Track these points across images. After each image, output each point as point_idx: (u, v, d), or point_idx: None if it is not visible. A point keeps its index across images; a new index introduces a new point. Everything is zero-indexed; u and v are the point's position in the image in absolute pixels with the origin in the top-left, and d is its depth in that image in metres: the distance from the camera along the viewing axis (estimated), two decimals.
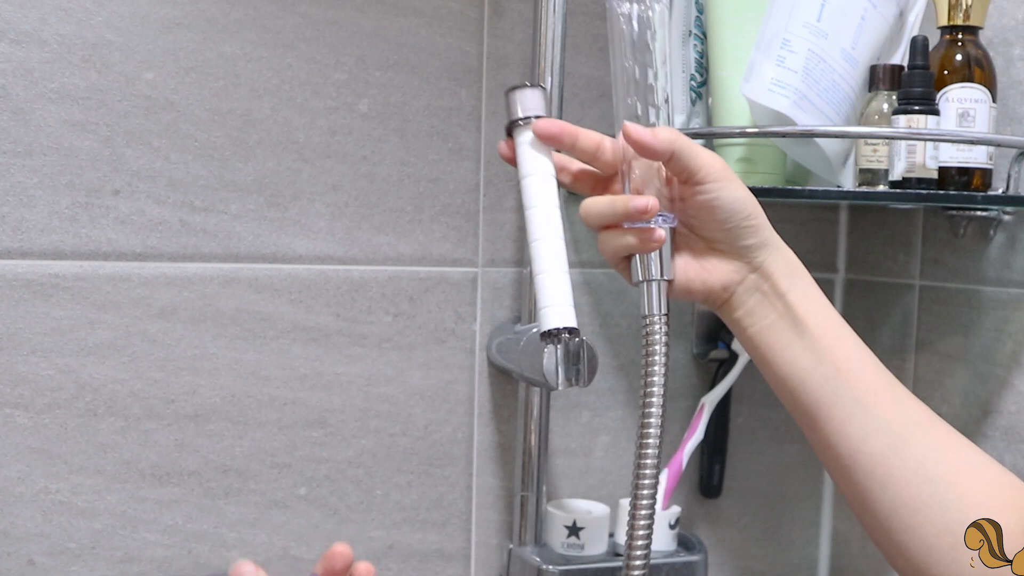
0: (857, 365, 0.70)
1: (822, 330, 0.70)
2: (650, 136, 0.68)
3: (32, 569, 0.95)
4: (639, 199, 0.68)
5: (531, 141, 0.72)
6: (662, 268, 0.71)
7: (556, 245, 0.72)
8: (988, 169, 0.95)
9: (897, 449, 0.67)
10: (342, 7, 1.01)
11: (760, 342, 0.72)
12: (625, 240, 0.71)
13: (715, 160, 0.69)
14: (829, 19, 0.96)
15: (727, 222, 0.70)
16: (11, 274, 0.92)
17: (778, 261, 0.71)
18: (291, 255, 1.01)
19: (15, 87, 0.91)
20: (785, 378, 0.70)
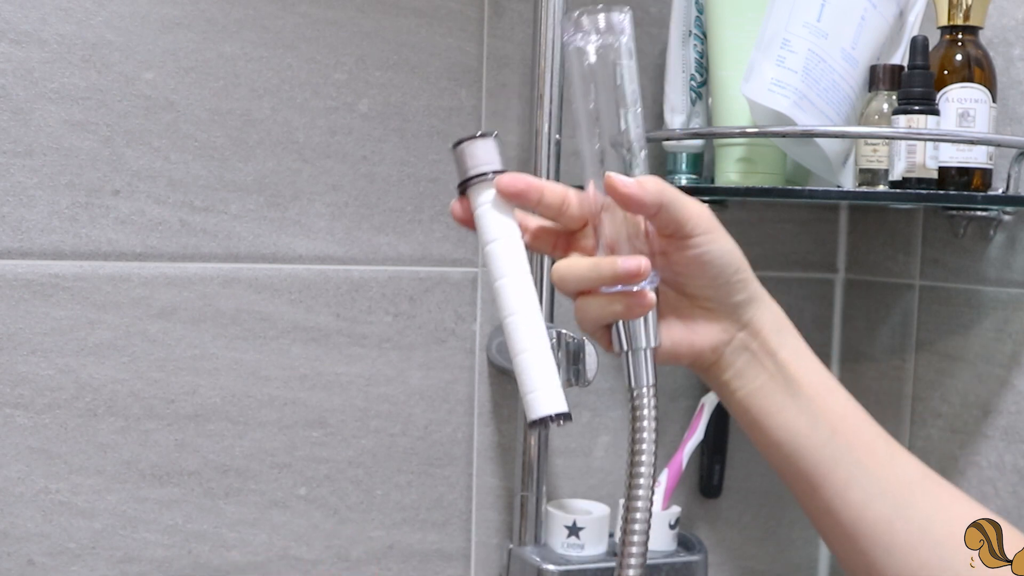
0: (852, 424, 0.65)
1: (815, 389, 0.65)
2: (637, 188, 0.61)
3: (32, 569, 0.95)
4: (629, 261, 0.61)
5: (492, 200, 0.63)
6: (650, 334, 0.63)
7: (534, 319, 0.62)
8: (988, 169, 0.95)
9: (901, 513, 0.63)
10: (342, 7, 1.01)
11: (751, 405, 0.66)
12: (610, 308, 0.62)
13: (703, 210, 0.63)
14: (829, 19, 0.95)
15: (718, 278, 0.64)
16: (11, 274, 0.92)
17: (766, 316, 0.66)
18: (291, 255, 1.01)
19: (15, 87, 0.91)
20: (780, 443, 0.65)
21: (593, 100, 0.62)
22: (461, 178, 0.63)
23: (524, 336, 0.62)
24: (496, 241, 0.63)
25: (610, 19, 0.62)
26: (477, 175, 0.63)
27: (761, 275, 1.26)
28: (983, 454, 1.06)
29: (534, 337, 0.62)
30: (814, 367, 0.66)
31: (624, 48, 0.63)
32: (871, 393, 1.20)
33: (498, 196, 0.63)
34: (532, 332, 0.62)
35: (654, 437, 0.64)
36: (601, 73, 0.62)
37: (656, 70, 1.12)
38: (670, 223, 0.62)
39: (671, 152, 1.10)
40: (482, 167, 0.63)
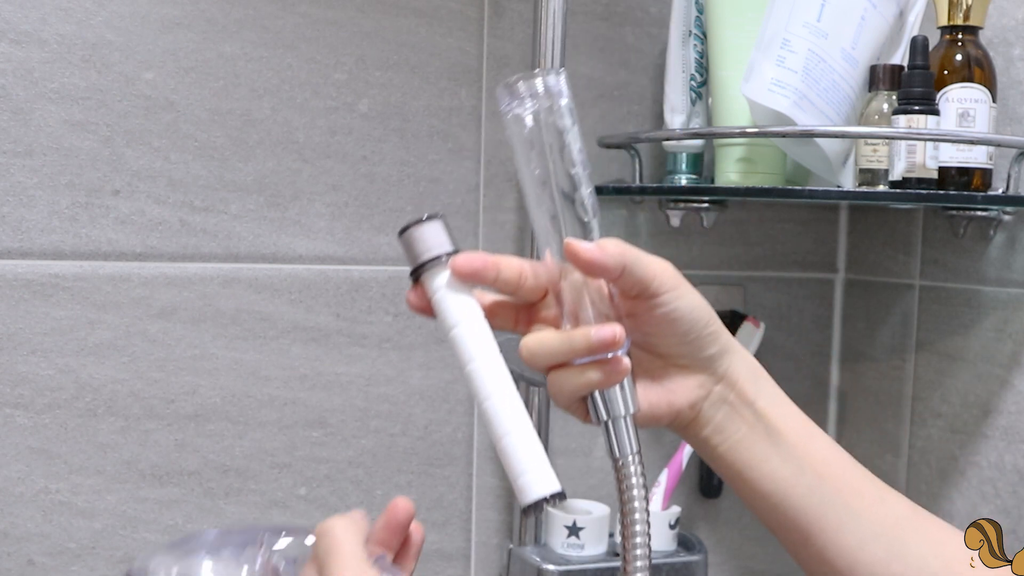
0: (837, 468, 0.65)
1: (797, 436, 0.64)
2: (598, 252, 0.58)
3: (32, 569, 0.95)
4: (603, 331, 0.58)
5: (448, 283, 0.60)
6: (628, 400, 0.61)
7: (512, 400, 0.60)
8: (988, 169, 0.95)
9: (896, 553, 0.63)
10: (342, 7, 1.01)
11: (734, 459, 0.64)
12: (585, 378, 0.60)
13: (666, 266, 0.61)
14: (829, 19, 0.95)
15: (688, 333, 0.61)
16: (11, 274, 0.92)
17: (741, 366, 0.64)
18: (291, 255, 1.01)
19: (15, 87, 0.91)
20: (767, 494, 0.64)
21: (538, 166, 0.60)
22: (413, 265, 0.61)
23: (504, 419, 0.60)
24: (459, 325, 0.61)
25: (546, 82, 0.60)
26: (429, 260, 0.60)
27: (761, 275, 1.26)
28: (983, 454, 1.06)
29: (514, 419, 0.60)
30: (793, 413, 0.65)
31: (564, 109, 0.60)
32: (871, 393, 1.20)
33: (453, 278, 0.60)
34: (512, 414, 0.60)
35: (646, 506, 0.61)
36: (542, 137, 0.60)
37: (656, 70, 1.12)
38: (634, 284, 0.60)
39: (671, 152, 1.10)
40: (433, 251, 0.60)
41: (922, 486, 1.13)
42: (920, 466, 1.14)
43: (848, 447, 0.67)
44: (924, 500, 1.13)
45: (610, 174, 1.11)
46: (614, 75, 1.12)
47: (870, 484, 0.65)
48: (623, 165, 1.11)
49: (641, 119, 1.13)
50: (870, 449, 1.20)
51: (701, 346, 0.62)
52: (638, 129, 1.13)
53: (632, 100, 1.13)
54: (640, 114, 1.13)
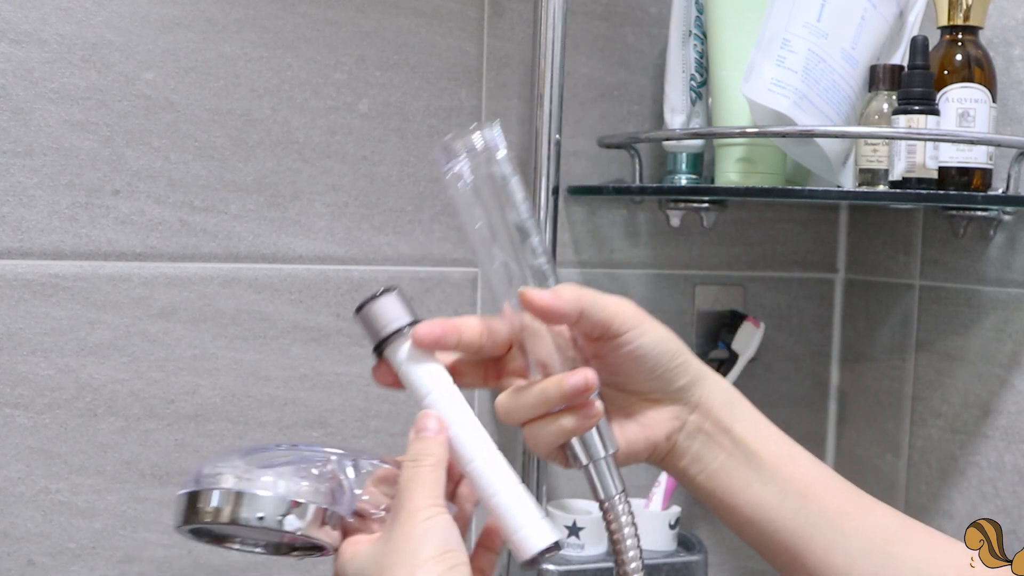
0: (821, 487, 0.64)
1: (777, 458, 0.63)
2: (553, 298, 0.59)
3: (32, 569, 0.95)
4: (575, 377, 0.58)
5: (411, 353, 0.61)
6: (606, 441, 0.61)
7: (495, 458, 0.61)
8: (988, 169, 0.95)
9: (888, 568, 0.62)
10: (342, 7, 1.01)
11: (715, 487, 0.64)
12: (560, 426, 0.60)
13: (625, 305, 0.61)
14: (829, 19, 0.95)
15: (656, 368, 0.61)
16: (11, 274, 0.92)
17: (715, 393, 0.64)
18: (291, 255, 1.01)
19: (15, 87, 0.91)
20: (752, 520, 0.64)
21: (481, 219, 0.61)
22: (375, 340, 0.62)
23: (492, 479, 0.60)
24: (431, 393, 0.61)
25: (483, 137, 0.61)
26: (391, 334, 0.61)
27: (761, 275, 1.26)
28: (983, 454, 1.06)
29: (501, 477, 0.60)
30: (772, 435, 0.65)
31: (502, 161, 0.61)
32: (871, 393, 1.20)
33: (416, 347, 0.61)
34: (498, 473, 0.60)
35: (638, 543, 0.62)
36: (484, 191, 0.61)
37: (656, 70, 1.12)
38: (595, 327, 0.60)
39: (671, 152, 1.10)
40: (393, 324, 0.61)
41: (922, 486, 1.13)
42: (920, 466, 1.14)
43: (848, 447, 0.67)
44: (924, 500, 1.13)
45: (610, 174, 1.11)
46: (614, 75, 1.12)
47: (855, 499, 0.64)
48: (623, 165, 1.11)
49: (641, 119, 1.13)
50: (870, 449, 1.20)
51: (671, 379, 0.62)
52: (638, 129, 1.13)
53: (632, 100, 1.13)
54: (640, 114, 1.13)
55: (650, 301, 1.16)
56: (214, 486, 0.60)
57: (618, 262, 1.14)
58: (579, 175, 1.10)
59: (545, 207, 1.04)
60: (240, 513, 0.59)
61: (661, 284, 1.16)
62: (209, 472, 0.60)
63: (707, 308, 1.18)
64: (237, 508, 0.59)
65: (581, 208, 1.12)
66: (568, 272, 1.11)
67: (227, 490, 0.59)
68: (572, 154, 1.09)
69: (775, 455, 0.64)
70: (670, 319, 1.16)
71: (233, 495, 0.59)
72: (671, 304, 1.17)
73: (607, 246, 1.13)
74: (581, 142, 1.10)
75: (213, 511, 0.60)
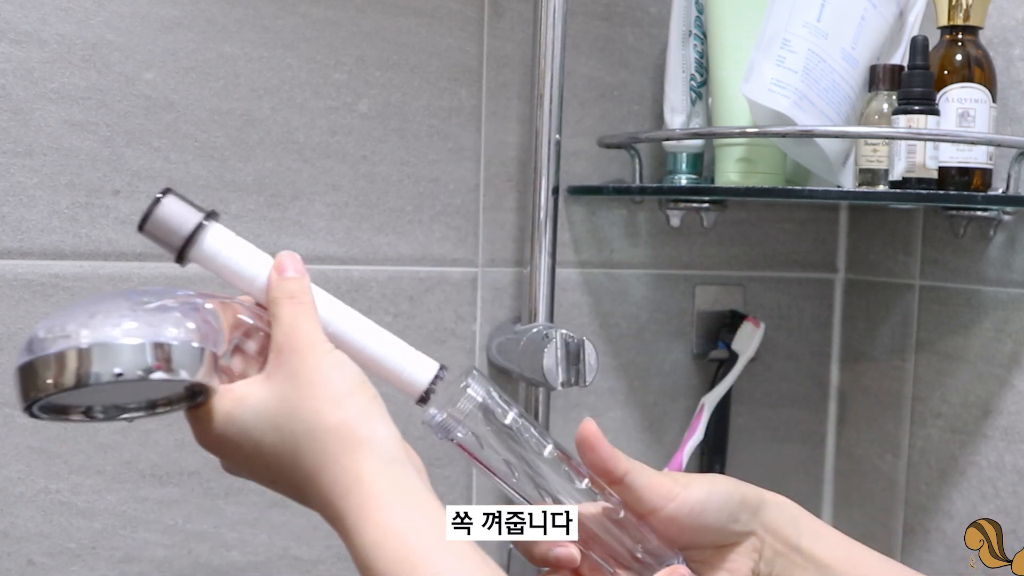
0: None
1: (846, 563, 0.66)
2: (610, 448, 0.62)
3: (32, 569, 0.95)
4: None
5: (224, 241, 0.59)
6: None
7: (356, 317, 0.61)
8: (988, 169, 0.95)
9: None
10: (342, 7, 1.01)
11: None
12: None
13: (665, 475, 0.64)
14: (829, 19, 0.95)
15: (718, 519, 0.64)
16: (11, 274, 0.92)
17: (777, 515, 0.66)
18: None
19: (15, 87, 0.91)
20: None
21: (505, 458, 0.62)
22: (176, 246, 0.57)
23: (359, 334, 0.60)
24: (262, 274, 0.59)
25: (466, 397, 0.62)
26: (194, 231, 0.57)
27: (761, 275, 1.26)
28: (983, 454, 1.06)
29: (365, 329, 0.60)
30: (833, 539, 0.67)
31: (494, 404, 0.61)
32: (871, 393, 1.20)
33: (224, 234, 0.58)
34: (362, 327, 0.60)
35: None
36: (487, 439, 0.62)
37: (656, 70, 1.12)
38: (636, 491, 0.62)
39: (671, 152, 1.10)
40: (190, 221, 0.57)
41: (922, 486, 1.13)
42: (920, 466, 1.14)
43: (848, 447, 0.67)
44: (924, 500, 1.13)
45: (610, 174, 1.11)
46: (614, 75, 1.12)
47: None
48: (623, 165, 1.11)
49: (641, 119, 1.13)
50: (870, 449, 1.20)
51: (734, 520, 0.64)
52: (638, 129, 1.13)
53: (632, 100, 1.13)
54: (640, 114, 1.13)
55: (650, 301, 1.16)
56: (53, 349, 0.49)
57: (618, 262, 1.14)
58: (579, 175, 1.10)
59: (545, 207, 1.04)
60: (89, 369, 0.49)
61: (661, 284, 1.16)
62: (44, 334, 0.50)
63: (707, 308, 1.18)
64: (85, 365, 0.49)
65: (581, 208, 1.12)
66: (568, 272, 1.11)
67: (71, 349, 0.49)
68: (572, 154, 1.09)
69: (843, 560, 0.66)
70: (670, 319, 1.17)
71: (77, 353, 0.49)
72: (671, 304, 1.17)
73: (607, 246, 1.13)
74: (581, 142, 1.10)
75: (54, 377, 0.49)
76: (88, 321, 0.50)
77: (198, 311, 0.54)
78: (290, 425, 0.54)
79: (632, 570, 0.63)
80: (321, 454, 0.54)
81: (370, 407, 0.55)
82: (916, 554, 1.13)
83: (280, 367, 0.55)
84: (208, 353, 0.53)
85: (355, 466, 0.53)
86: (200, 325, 0.54)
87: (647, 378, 1.16)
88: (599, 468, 0.62)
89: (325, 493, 0.54)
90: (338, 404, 0.54)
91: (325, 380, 0.55)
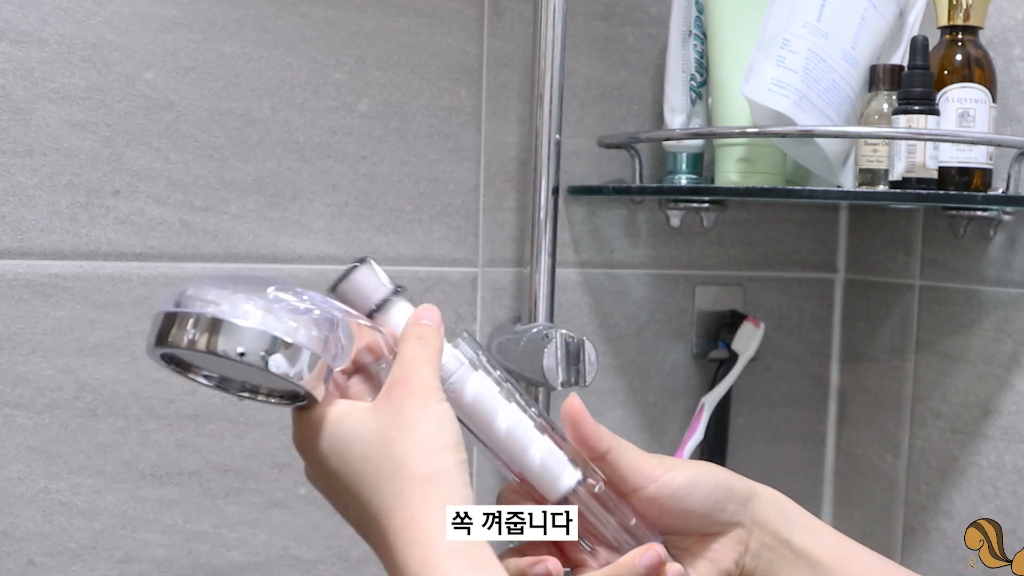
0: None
1: (838, 561, 0.65)
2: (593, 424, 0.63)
3: (32, 569, 0.95)
4: (646, 555, 0.60)
5: None
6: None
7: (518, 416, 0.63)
8: (988, 169, 0.95)
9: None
10: (342, 7, 1.01)
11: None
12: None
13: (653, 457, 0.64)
14: (829, 19, 0.95)
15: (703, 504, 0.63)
16: (11, 274, 0.92)
17: (767, 507, 0.65)
18: (291, 255, 1.01)
19: (15, 87, 0.91)
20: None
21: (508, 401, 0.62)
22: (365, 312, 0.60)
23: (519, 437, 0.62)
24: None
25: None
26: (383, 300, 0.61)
27: (761, 275, 1.26)
28: (983, 454, 1.06)
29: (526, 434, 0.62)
30: (829, 537, 0.66)
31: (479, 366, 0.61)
32: (871, 393, 1.20)
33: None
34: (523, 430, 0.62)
35: None
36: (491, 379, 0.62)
37: (656, 70, 1.12)
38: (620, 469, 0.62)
39: (671, 152, 1.10)
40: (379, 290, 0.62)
41: (922, 486, 1.13)
42: (920, 466, 1.14)
43: (848, 447, 0.67)
44: (924, 500, 1.13)
45: (610, 174, 1.11)
46: (614, 75, 1.12)
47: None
48: (623, 165, 1.11)
49: (641, 119, 1.13)
50: (870, 449, 1.20)
51: (720, 508, 0.63)
52: (638, 129, 1.13)
53: (632, 100, 1.13)
54: (640, 114, 1.13)
55: (650, 301, 1.16)
56: (199, 310, 0.54)
57: (618, 262, 1.14)
58: (579, 175, 1.10)
59: (545, 207, 1.04)
60: (219, 340, 0.53)
61: (661, 284, 1.16)
62: (194, 293, 0.54)
63: (707, 308, 1.18)
64: (216, 336, 0.53)
65: (581, 208, 1.12)
66: (568, 272, 1.11)
67: (213, 316, 0.53)
68: (572, 154, 1.09)
69: (835, 558, 0.65)
70: (670, 319, 1.17)
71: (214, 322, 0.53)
72: (671, 304, 1.17)
73: (607, 246, 1.13)
74: (581, 142, 1.10)
75: (189, 336, 0.54)
76: (236, 298, 0.54)
77: (333, 325, 0.57)
78: (378, 459, 0.55)
79: (610, 547, 0.63)
80: (396, 497, 0.54)
81: (456, 469, 0.55)
82: (916, 554, 1.13)
83: (389, 400, 0.56)
84: (322, 363, 0.55)
85: (427, 519, 0.53)
86: (328, 337, 0.56)
87: (647, 378, 1.16)
88: (582, 443, 0.62)
89: (391, 537, 0.54)
90: (428, 456, 0.54)
91: (424, 428, 0.55)
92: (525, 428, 0.61)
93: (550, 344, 0.98)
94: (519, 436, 0.61)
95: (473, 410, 0.61)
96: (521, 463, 0.61)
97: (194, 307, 0.54)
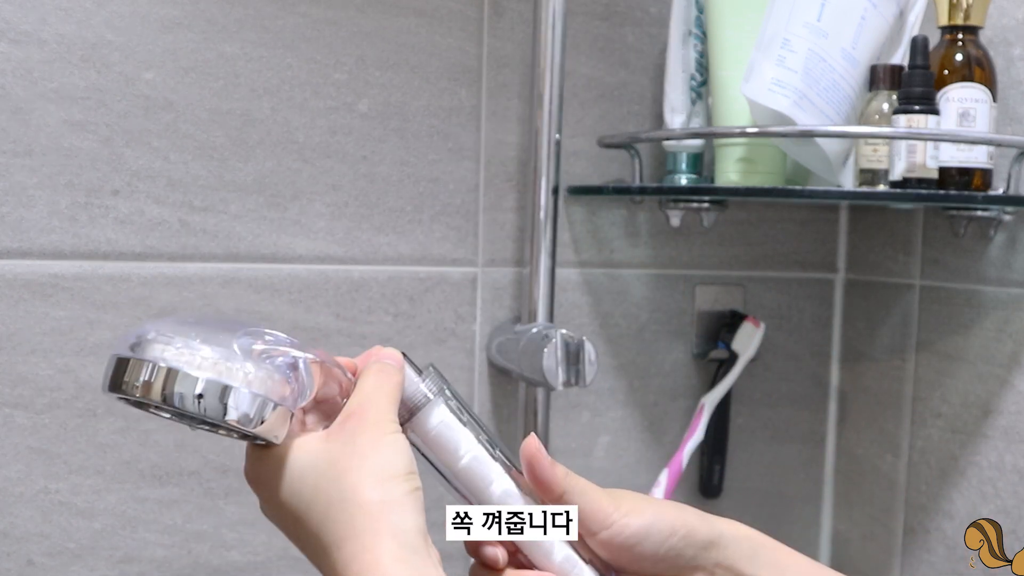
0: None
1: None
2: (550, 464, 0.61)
3: (32, 569, 0.95)
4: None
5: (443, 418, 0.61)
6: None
7: None
8: (988, 169, 0.95)
9: None
10: (342, 7, 1.01)
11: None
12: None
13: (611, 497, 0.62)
14: (829, 19, 0.95)
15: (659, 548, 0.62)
16: (11, 274, 0.92)
17: (732, 549, 0.64)
18: (291, 255, 1.01)
19: (15, 87, 0.91)
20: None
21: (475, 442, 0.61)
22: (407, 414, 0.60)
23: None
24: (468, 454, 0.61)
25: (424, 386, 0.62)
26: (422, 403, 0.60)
27: (761, 275, 1.26)
28: (983, 454, 1.06)
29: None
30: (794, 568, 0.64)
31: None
32: (871, 393, 1.20)
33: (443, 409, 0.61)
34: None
35: None
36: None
37: (656, 70, 1.12)
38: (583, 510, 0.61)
39: (671, 152, 1.10)
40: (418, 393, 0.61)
41: (922, 486, 1.13)
42: (920, 466, 1.14)
43: (848, 447, 0.67)
44: (924, 500, 1.13)
45: (610, 174, 1.11)
46: (614, 75, 1.12)
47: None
48: (623, 165, 1.11)
49: (641, 119, 1.13)
50: (870, 449, 1.20)
51: (679, 552, 0.62)
52: (638, 129, 1.13)
53: (632, 100, 1.13)
54: (640, 114, 1.13)
55: (650, 301, 1.16)
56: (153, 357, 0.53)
57: (618, 262, 1.14)
58: (579, 175, 1.10)
59: (545, 207, 1.04)
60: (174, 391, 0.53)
61: (661, 284, 1.16)
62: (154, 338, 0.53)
63: (707, 308, 1.18)
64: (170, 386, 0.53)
65: (581, 208, 1.12)
66: (568, 272, 1.11)
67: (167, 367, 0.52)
68: (572, 154, 1.09)
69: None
70: (670, 319, 1.17)
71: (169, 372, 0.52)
72: (671, 304, 1.17)
73: (607, 246, 1.13)
74: (581, 142, 1.10)
75: (143, 386, 0.53)
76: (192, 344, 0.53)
77: (294, 367, 0.56)
78: (329, 490, 0.54)
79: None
80: (347, 526, 0.54)
81: (407, 497, 0.55)
82: (916, 554, 1.13)
83: (342, 431, 0.56)
84: (282, 410, 0.55)
85: (377, 548, 0.53)
86: (289, 378, 0.55)
87: (647, 378, 1.16)
88: (538, 485, 0.61)
89: (341, 568, 0.53)
90: (379, 484, 0.54)
91: (375, 457, 0.55)
92: (487, 462, 0.61)
93: (550, 344, 0.98)
94: (481, 469, 0.61)
95: (436, 442, 0.61)
96: (482, 497, 0.61)
97: (150, 353, 0.53)
